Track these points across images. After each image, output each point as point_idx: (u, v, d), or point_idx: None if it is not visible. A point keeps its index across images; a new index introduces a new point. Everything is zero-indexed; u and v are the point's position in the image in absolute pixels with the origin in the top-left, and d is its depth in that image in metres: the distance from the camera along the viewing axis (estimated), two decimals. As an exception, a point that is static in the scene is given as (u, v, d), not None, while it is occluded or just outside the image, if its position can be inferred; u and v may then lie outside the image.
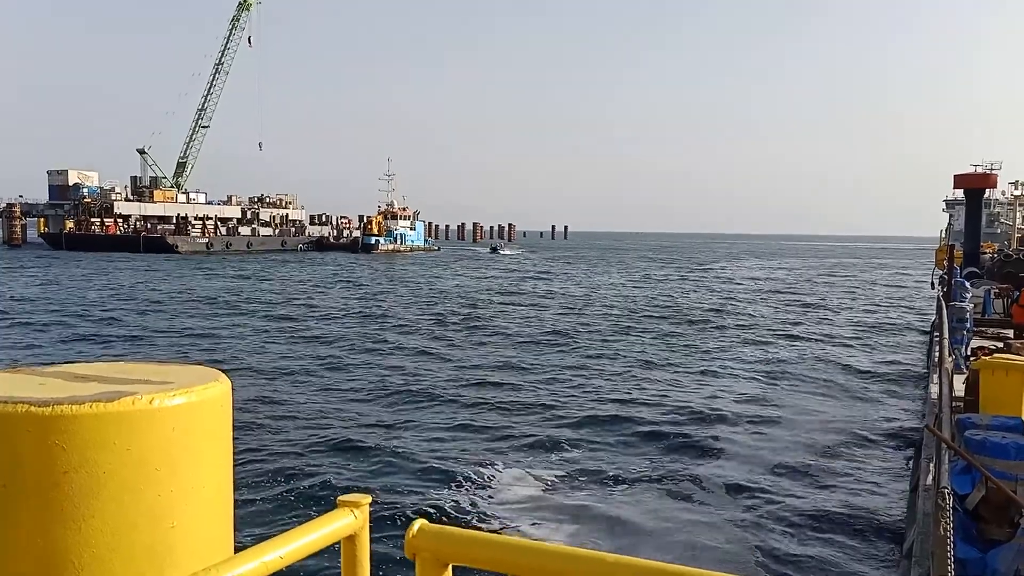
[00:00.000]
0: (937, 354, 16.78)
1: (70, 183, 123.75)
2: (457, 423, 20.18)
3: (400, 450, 17.54)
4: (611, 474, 16.18)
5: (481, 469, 16.26)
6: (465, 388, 24.56)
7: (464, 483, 15.49)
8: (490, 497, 14.84)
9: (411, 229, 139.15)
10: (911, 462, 16.09)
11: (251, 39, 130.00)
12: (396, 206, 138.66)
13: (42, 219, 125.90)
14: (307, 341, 34.03)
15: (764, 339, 37.20)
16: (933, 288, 37.14)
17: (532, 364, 29.06)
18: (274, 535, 1.70)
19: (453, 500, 14.63)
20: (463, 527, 1.87)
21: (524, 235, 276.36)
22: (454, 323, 41.10)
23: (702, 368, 28.78)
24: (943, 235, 55.52)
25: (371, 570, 1.91)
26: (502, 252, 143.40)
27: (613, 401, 23.02)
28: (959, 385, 12.73)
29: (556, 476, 16.03)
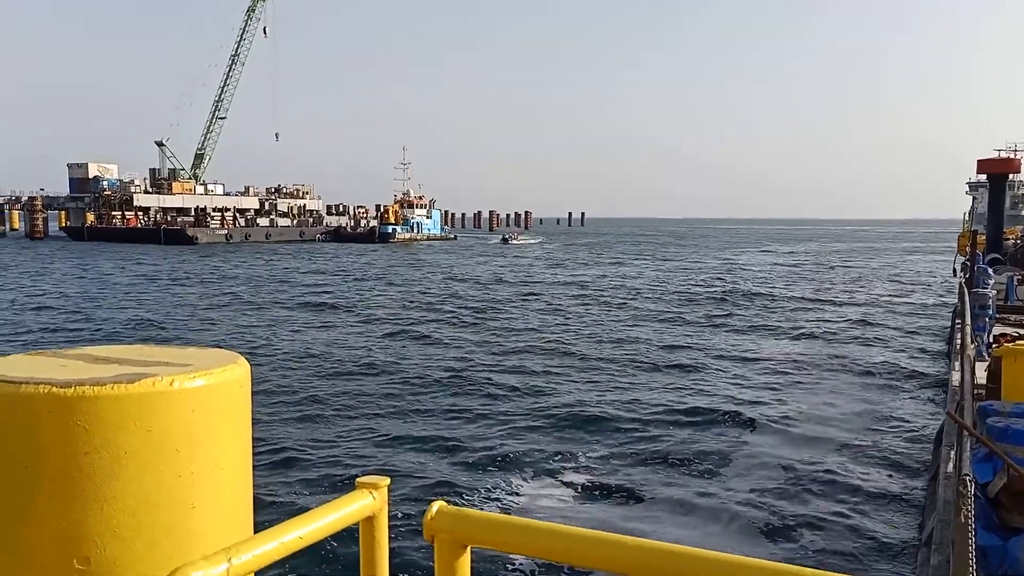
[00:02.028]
0: (959, 341, 16.66)
1: (90, 176, 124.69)
2: (482, 411, 20.32)
3: (423, 437, 17.66)
4: (630, 467, 16.20)
5: (503, 453, 16.37)
6: (491, 377, 24.68)
7: (486, 468, 15.59)
8: (510, 481, 14.91)
9: (427, 218, 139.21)
10: (931, 449, 16.01)
11: (266, 29, 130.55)
12: (412, 195, 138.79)
13: (63, 212, 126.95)
14: (331, 329, 34.24)
15: (785, 324, 37.11)
16: (955, 274, 36.79)
17: (559, 354, 29.15)
18: (293, 516, 1.71)
19: (472, 483, 14.71)
20: (483, 510, 1.87)
21: (540, 222, 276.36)
22: (475, 314, 41.21)
23: (723, 354, 28.77)
24: (966, 218, 54.84)
25: (389, 552, 1.92)
26: (514, 242, 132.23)
27: (637, 390, 23.11)
28: (981, 372, 12.62)
29: (577, 462, 16.13)
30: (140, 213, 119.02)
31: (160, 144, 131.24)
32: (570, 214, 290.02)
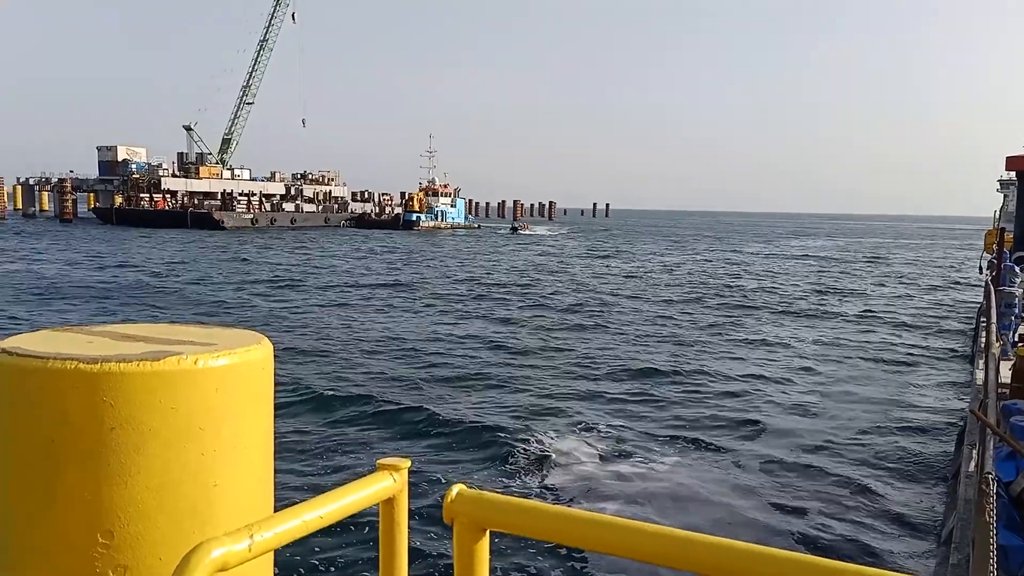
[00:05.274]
0: (984, 339, 16.47)
1: (119, 159, 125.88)
2: (506, 392, 20.51)
3: (445, 417, 17.77)
4: (653, 451, 16.29)
5: (527, 437, 16.43)
6: (515, 357, 24.87)
7: (510, 450, 15.68)
8: (532, 465, 14.99)
9: (452, 206, 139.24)
10: (953, 448, 15.88)
11: (295, 15, 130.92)
12: (437, 183, 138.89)
13: (92, 194, 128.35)
14: (353, 311, 34.45)
15: (807, 318, 36.93)
16: (981, 272, 36.37)
17: (583, 337, 29.40)
18: (314, 496, 1.73)
19: (498, 466, 14.78)
20: (502, 493, 1.89)
21: (565, 213, 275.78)
22: (499, 295, 41.38)
23: (745, 346, 28.66)
24: (997, 216, 54.08)
25: (408, 533, 1.93)
26: (525, 232, 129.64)
27: (662, 375, 23.30)
28: (1005, 371, 12.48)
29: (603, 447, 16.21)
30: (168, 196, 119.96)
31: (188, 128, 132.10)
32: (595, 205, 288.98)
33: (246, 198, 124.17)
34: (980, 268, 37.65)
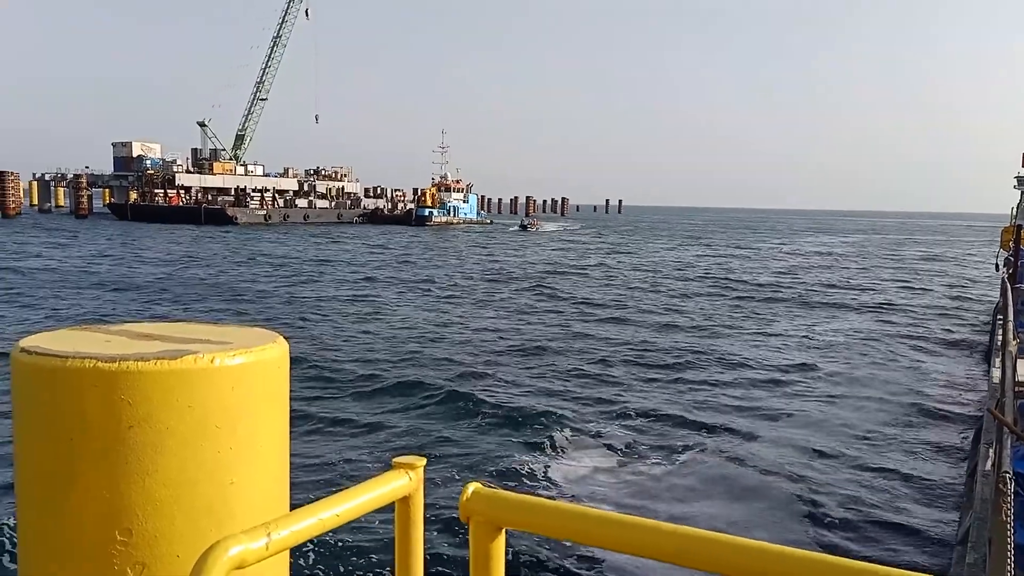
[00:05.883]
0: (1000, 337, 16.38)
1: (134, 155, 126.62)
2: (522, 386, 20.54)
3: (461, 411, 17.82)
4: (672, 440, 16.35)
5: (544, 432, 16.46)
6: (528, 352, 24.89)
7: (526, 445, 15.70)
8: (550, 460, 15.00)
9: (464, 202, 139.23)
10: (969, 446, 15.79)
11: (308, 11, 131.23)
12: (450, 179, 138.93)
13: (107, 190, 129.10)
14: (368, 305, 34.55)
15: (823, 312, 36.89)
16: (997, 270, 36.09)
17: (601, 330, 29.52)
18: (330, 495, 1.73)
19: (513, 464, 14.78)
20: (518, 492, 1.88)
21: (577, 209, 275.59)
22: (512, 289, 41.44)
23: (763, 339, 28.67)
24: (1014, 213, 53.64)
25: (424, 531, 1.93)
26: (535, 229, 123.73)
27: (679, 368, 23.37)
28: (1022, 369, 12.40)
29: (621, 441, 16.24)
30: (182, 192, 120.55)
31: (202, 124, 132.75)
32: (607, 201, 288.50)
33: (259, 194, 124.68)
34: (996, 265, 37.40)
